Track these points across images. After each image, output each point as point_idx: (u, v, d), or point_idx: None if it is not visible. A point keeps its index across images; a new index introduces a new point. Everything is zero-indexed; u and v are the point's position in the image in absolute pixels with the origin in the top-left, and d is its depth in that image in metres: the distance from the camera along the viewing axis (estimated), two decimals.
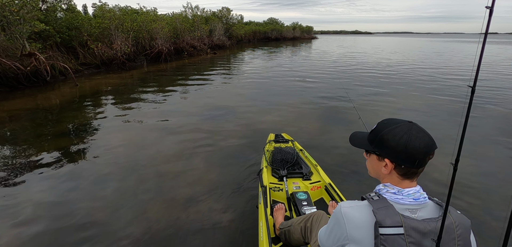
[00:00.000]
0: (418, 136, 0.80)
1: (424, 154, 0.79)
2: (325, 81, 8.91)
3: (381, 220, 0.76)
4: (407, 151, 0.80)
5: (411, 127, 0.82)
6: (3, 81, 7.31)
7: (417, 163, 0.80)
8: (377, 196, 0.84)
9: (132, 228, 2.28)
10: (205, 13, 25.34)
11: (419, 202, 0.81)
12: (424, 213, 0.80)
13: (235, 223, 2.33)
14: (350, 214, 0.82)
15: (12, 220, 2.41)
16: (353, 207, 0.84)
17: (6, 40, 7.59)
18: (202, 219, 2.38)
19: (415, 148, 0.79)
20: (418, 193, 0.82)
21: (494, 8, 0.65)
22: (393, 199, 0.82)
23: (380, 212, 0.78)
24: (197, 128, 4.59)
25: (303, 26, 60.73)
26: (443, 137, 4.15)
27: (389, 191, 0.84)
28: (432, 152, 0.81)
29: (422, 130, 0.82)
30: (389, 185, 0.85)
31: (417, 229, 0.75)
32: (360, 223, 0.80)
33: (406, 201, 0.81)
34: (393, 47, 29.29)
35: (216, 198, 2.67)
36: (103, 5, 13.37)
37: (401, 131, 0.82)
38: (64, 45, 10.48)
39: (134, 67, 12.41)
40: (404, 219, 0.76)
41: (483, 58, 0.69)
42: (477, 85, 0.72)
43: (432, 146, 0.80)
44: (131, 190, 2.83)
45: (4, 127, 4.82)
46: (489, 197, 2.73)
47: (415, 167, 0.81)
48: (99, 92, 7.47)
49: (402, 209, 0.79)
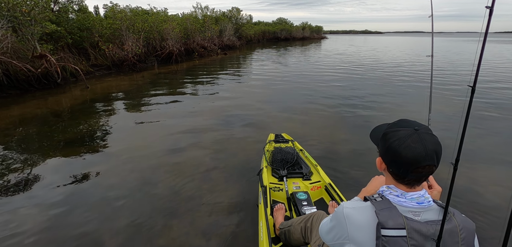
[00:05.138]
0: (412, 145, 0.78)
1: (410, 165, 0.78)
2: (342, 81, 8.49)
3: (383, 221, 0.76)
4: (395, 155, 0.81)
5: (412, 134, 0.79)
6: (14, 83, 7.17)
7: (402, 170, 0.81)
8: (380, 197, 0.83)
9: (130, 222, 2.19)
10: (215, 13, 25.13)
11: (423, 206, 0.80)
12: (428, 216, 0.79)
13: (235, 223, 2.32)
14: (352, 216, 0.82)
15: (17, 228, 2.31)
16: (355, 208, 0.84)
17: (17, 41, 7.46)
18: (202, 219, 2.38)
19: (402, 156, 0.79)
20: (422, 197, 0.81)
21: (494, 8, 0.66)
22: (396, 201, 0.81)
23: (383, 213, 0.77)
24: (205, 130, 4.49)
25: (312, 26, 60.03)
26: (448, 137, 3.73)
27: (392, 193, 0.83)
28: (422, 165, 0.78)
29: (423, 140, 0.78)
30: (393, 187, 0.85)
31: (420, 231, 0.75)
32: (361, 225, 0.80)
33: (410, 204, 0.80)
34: (404, 47, 28.42)
35: (216, 198, 2.67)
36: (114, 6, 13.28)
37: (400, 134, 0.81)
38: (75, 47, 10.37)
39: (145, 68, 12.24)
40: (407, 221, 0.76)
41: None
42: (477, 86, 0.72)
43: (421, 160, 0.77)
44: (133, 191, 2.77)
45: (15, 131, 4.65)
46: (489, 196, 2.68)
47: (401, 174, 0.81)
48: (110, 95, 7.25)
49: (405, 211, 0.79)
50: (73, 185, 2.97)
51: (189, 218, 2.39)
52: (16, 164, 3.46)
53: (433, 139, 0.79)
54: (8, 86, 7.02)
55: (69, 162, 3.48)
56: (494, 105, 5.80)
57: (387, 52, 20.88)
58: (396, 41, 46.20)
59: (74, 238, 2.20)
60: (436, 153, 0.78)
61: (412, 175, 0.80)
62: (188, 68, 12.61)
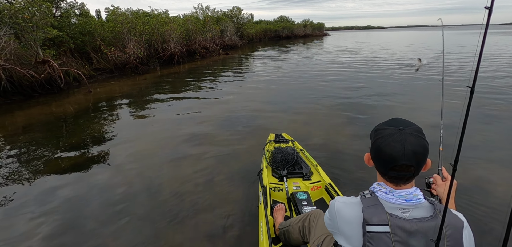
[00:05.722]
0: (392, 144, 0.79)
1: (388, 162, 0.80)
2: (347, 79, 8.39)
3: (368, 218, 0.78)
4: (377, 152, 0.84)
5: (395, 133, 0.81)
6: (18, 89, 7.21)
7: (382, 167, 0.84)
8: (370, 193, 0.86)
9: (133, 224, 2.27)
10: (216, 13, 25.10)
11: (411, 203, 0.81)
12: (417, 213, 0.80)
13: (235, 223, 2.32)
14: (341, 210, 0.87)
15: (19, 234, 2.25)
16: (346, 203, 0.87)
17: (20, 47, 7.50)
18: (202, 219, 2.39)
19: (382, 153, 0.82)
20: (411, 195, 0.82)
21: (493, 8, 0.66)
22: (384, 198, 0.83)
23: (368, 210, 0.80)
24: (208, 132, 4.46)
25: (314, 23, 59.70)
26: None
27: (381, 189, 0.85)
28: (398, 164, 0.79)
29: (404, 140, 0.79)
30: (382, 184, 0.86)
31: (403, 228, 0.76)
32: (350, 220, 0.83)
33: (398, 201, 0.81)
34: (408, 41, 28.11)
35: (216, 198, 2.68)
36: (116, 9, 13.31)
37: (385, 132, 0.83)
38: (77, 51, 10.41)
39: (147, 70, 12.25)
40: (390, 218, 0.77)
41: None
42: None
43: (398, 159, 0.79)
44: (137, 196, 2.70)
45: (19, 137, 4.65)
46: (489, 196, 2.61)
47: (381, 170, 0.85)
48: (113, 99, 7.26)
49: (392, 208, 0.80)
50: (76, 190, 2.95)
51: (192, 220, 2.38)
52: (19, 169, 3.46)
53: (417, 141, 0.79)
54: (12, 92, 7.06)
55: (72, 168, 3.47)
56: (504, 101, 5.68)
57: (390, 48, 20.67)
58: (399, 36, 45.71)
59: (77, 244, 2.18)
60: (415, 154, 0.78)
61: (391, 172, 0.82)
62: (190, 69, 12.59)
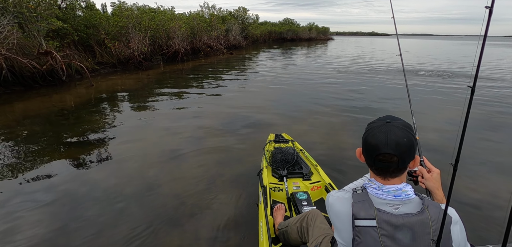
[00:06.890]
0: (377, 134, 0.83)
1: (372, 151, 0.84)
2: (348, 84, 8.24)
3: (355, 213, 0.81)
4: (364, 142, 0.88)
5: (381, 125, 0.84)
6: (19, 80, 7.11)
7: (367, 157, 0.87)
8: (361, 189, 0.88)
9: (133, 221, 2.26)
10: (222, 12, 25.01)
11: (400, 199, 0.82)
12: (406, 209, 0.80)
13: (235, 223, 2.30)
14: (333, 205, 0.91)
15: (15, 227, 2.22)
16: (339, 198, 0.91)
17: (23, 37, 7.40)
18: (202, 218, 2.36)
19: (367, 142, 0.86)
20: (400, 191, 0.83)
21: (493, 8, 0.66)
22: (374, 193, 0.85)
23: (356, 205, 0.83)
24: (209, 131, 4.40)
25: (319, 27, 59.55)
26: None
27: (371, 185, 0.87)
28: (381, 153, 0.81)
29: (388, 131, 0.82)
30: (373, 180, 0.88)
31: (390, 222, 0.77)
32: (340, 214, 0.88)
33: (387, 197, 0.83)
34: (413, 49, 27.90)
35: (216, 198, 2.65)
36: (122, 4, 13.23)
37: (374, 125, 0.87)
38: (81, 44, 10.31)
39: (150, 67, 12.14)
40: (378, 213, 0.79)
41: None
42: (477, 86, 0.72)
43: (380, 148, 0.81)
44: (135, 195, 2.64)
45: (18, 127, 4.55)
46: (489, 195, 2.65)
47: (368, 161, 0.88)
48: (115, 93, 7.14)
49: (381, 204, 0.82)
50: (73, 187, 2.84)
51: (191, 220, 2.35)
52: (17, 161, 3.34)
53: (401, 133, 0.81)
54: (12, 82, 6.95)
55: (70, 162, 3.36)
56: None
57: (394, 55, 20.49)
58: (403, 44, 45.53)
59: (72, 241, 2.08)
60: (397, 144, 0.80)
61: (377, 163, 0.84)
62: (194, 67, 12.48)
